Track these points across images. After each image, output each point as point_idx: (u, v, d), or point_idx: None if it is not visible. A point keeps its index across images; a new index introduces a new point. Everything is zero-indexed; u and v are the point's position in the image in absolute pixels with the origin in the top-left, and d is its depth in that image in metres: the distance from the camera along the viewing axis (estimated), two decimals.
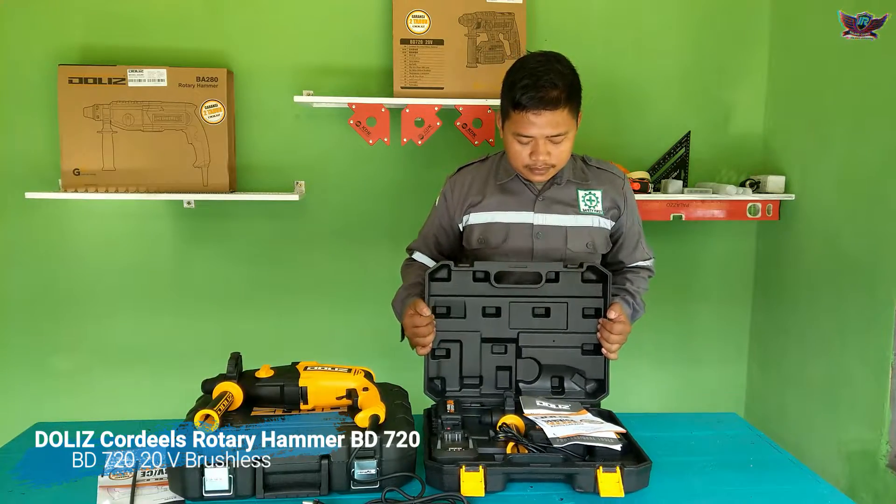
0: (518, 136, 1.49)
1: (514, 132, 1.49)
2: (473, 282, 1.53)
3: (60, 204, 2.44)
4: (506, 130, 1.53)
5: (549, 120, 1.45)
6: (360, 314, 2.56)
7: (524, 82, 1.44)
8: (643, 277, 1.71)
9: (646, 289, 1.70)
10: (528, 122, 1.46)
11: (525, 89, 1.44)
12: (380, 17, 2.44)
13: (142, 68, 2.27)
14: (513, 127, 1.49)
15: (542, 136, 1.47)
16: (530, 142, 1.49)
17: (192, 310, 2.56)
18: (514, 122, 1.48)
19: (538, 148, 1.48)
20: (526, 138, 1.48)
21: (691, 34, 2.59)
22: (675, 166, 2.59)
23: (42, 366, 2.53)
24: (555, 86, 1.43)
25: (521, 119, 1.46)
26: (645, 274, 1.72)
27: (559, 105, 1.44)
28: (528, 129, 1.47)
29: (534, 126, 1.46)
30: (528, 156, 1.50)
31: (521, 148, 1.50)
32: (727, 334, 2.77)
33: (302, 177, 2.49)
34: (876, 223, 2.09)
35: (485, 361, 1.54)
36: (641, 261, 1.72)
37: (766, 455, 1.42)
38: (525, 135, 1.48)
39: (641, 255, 1.71)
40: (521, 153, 1.51)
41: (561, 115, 1.46)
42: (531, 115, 1.44)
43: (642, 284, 1.69)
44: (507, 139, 1.53)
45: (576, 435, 1.28)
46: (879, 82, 2.07)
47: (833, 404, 2.27)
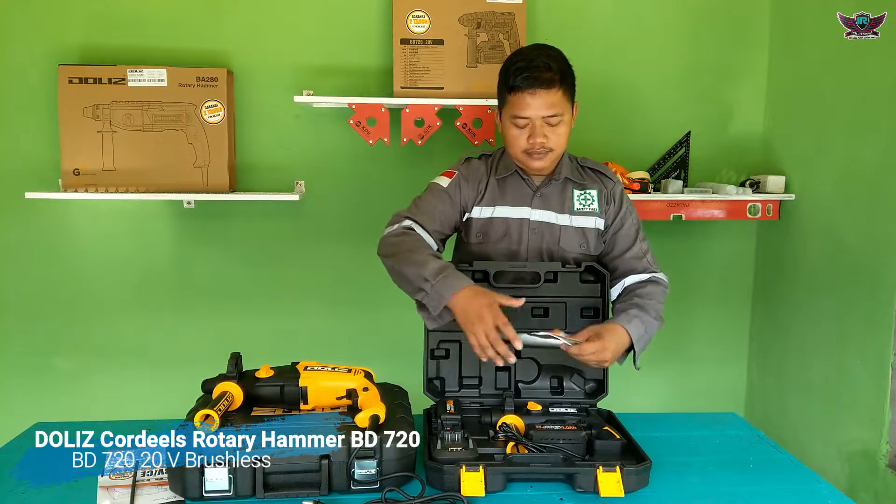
0: (515, 119, 1.52)
1: (511, 115, 1.52)
2: (473, 281, 1.53)
3: (60, 204, 2.44)
4: (503, 117, 1.56)
5: (544, 100, 1.48)
6: (360, 314, 2.56)
7: (518, 65, 1.50)
8: (655, 293, 1.55)
9: (659, 301, 1.55)
10: (524, 102, 1.49)
11: (519, 71, 1.49)
12: (380, 17, 2.44)
13: (142, 68, 2.27)
14: (510, 110, 1.52)
15: (538, 116, 1.50)
16: (527, 124, 1.51)
17: (192, 310, 2.56)
18: (510, 105, 1.52)
19: (535, 130, 1.50)
20: (523, 120, 1.51)
21: (691, 34, 2.59)
22: (675, 166, 2.59)
23: (42, 366, 2.53)
24: (549, 67, 1.49)
25: (518, 100, 1.50)
26: (654, 289, 1.56)
27: (553, 85, 1.48)
28: (524, 109, 1.49)
29: (529, 107, 1.49)
30: (525, 140, 1.52)
31: (519, 132, 1.53)
32: (727, 334, 2.77)
33: (302, 177, 2.49)
34: (876, 223, 2.09)
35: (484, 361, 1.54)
36: (648, 273, 1.59)
37: (766, 455, 1.42)
38: (522, 115, 1.50)
39: (644, 266, 1.59)
40: (519, 137, 1.53)
41: (556, 96, 1.49)
42: (527, 94, 1.48)
43: (654, 297, 1.54)
44: (505, 126, 1.55)
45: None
46: (879, 82, 2.07)
47: (833, 404, 2.27)
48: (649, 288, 1.56)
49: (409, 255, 1.42)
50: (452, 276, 1.37)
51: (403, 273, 1.42)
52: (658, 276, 1.60)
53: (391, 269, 1.46)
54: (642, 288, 1.56)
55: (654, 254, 1.64)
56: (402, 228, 1.51)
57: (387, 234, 1.53)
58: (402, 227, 1.52)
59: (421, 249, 1.44)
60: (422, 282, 1.37)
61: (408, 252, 1.43)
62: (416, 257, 1.41)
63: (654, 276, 1.59)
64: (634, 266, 1.60)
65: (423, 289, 1.38)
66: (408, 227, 1.52)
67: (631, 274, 1.59)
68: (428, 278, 1.36)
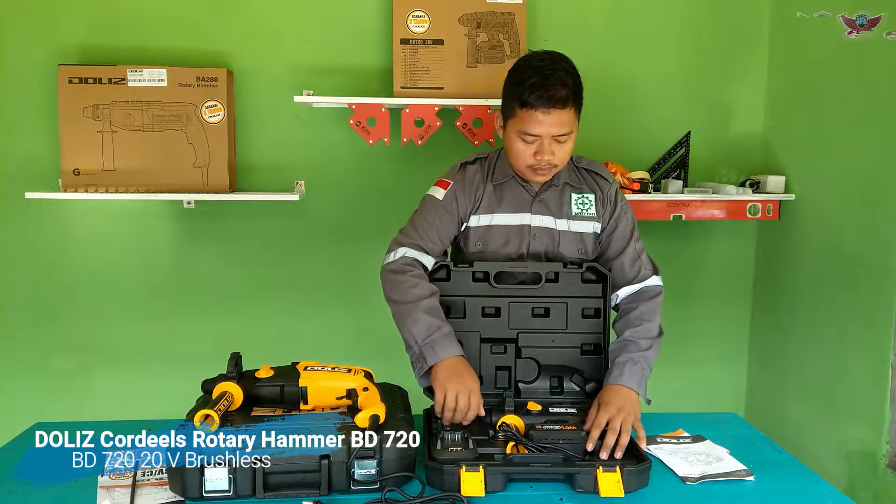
0: (524, 135, 1.47)
1: (519, 131, 1.48)
2: (473, 282, 1.54)
3: (60, 204, 2.44)
4: (509, 129, 1.51)
5: (556, 119, 1.44)
6: (360, 314, 2.56)
7: (532, 80, 1.43)
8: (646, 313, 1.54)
9: (650, 319, 1.53)
10: (535, 120, 1.44)
11: (534, 87, 1.42)
12: (380, 17, 2.44)
13: (142, 68, 2.27)
14: (518, 125, 1.47)
15: (548, 135, 1.46)
16: (536, 141, 1.47)
17: (192, 310, 2.56)
18: (520, 120, 1.47)
19: (543, 147, 1.47)
20: (532, 137, 1.47)
21: (691, 34, 2.58)
22: (675, 166, 2.59)
23: (42, 366, 2.53)
24: (564, 84, 1.43)
25: (529, 118, 1.45)
26: (645, 308, 1.54)
27: (567, 104, 1.44)
28: (535, 127, 1.45)
29: (541, 125, 1.45)
30: (531, 155, 1.48)
31: (525, 147, 1.49)
32: (727, 334, 2.77)
33: (302, 177, 2.49)
34: (876, 223, 2.09)
35: (484, 361, 1.54)
36: (639, 281, 1.57)
37: (766, 455, 1.42)
38: (532, 133, 1.46)
39: (637, 270, 1.57)
40: (525, 152, 1.49)
41: (567, 115, 1.45)
42: (540, 113, 1.43)
43: (645, 319, 1.53)
44: (510, 138, 1.51)
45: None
46: (879, 82, 2.07)
47: (833, 404, 2.27)
48: (641, 308, 1.54)
49: (405, 309, 1.44)
50: (438, 343, 1.40)
51: (399, 327, 1.47)
52: (649, 283, 1.58)
53: (392, 315, 1.49)
54: (634, 310, 1.54)
55: (650, 253, 1.63)
56: (401, 263, 1.51)
57: (387, 265, 1.53)
58: (402, 262, 1.51)
59: (416, 301, 1.44)
60: (412, 341, 1.43)
61: (404, 304, 1.45)
62: (411, 312, 1.43)
63: (645, 287, 1.57)
64: (627, 272, 1.58)
65: (412, 348, 1.44)
66: (408, 261, 1.51)
67: (624, 285, 1.57)
68: (417, 340, 1.42)
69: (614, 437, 1.30)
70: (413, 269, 1.50)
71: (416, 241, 1.54)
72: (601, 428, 1.32)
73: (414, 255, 1.52)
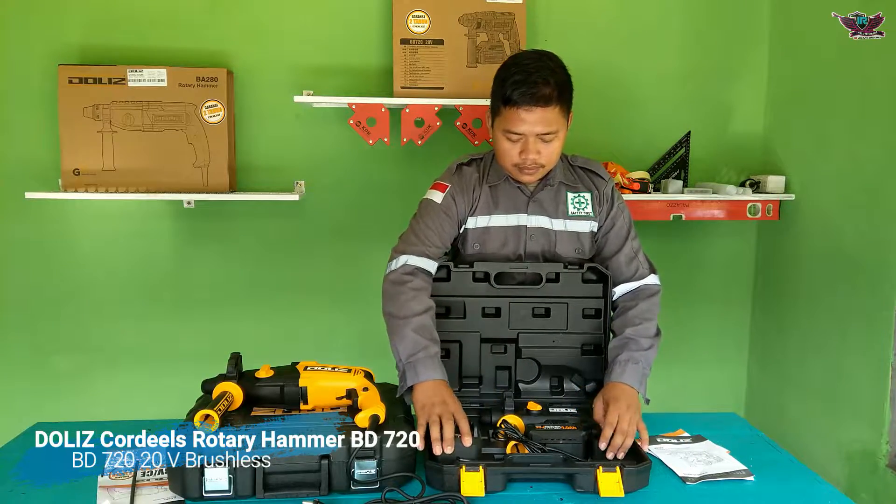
0: (508, 134, 1.47)
1: (504, 129, 1.48)
2: (473, 282, 1.53)
3: (60, 204, 2.44)
4: (495, 128, 1.51)
5: (540, 117, 1.43)
6: (360, 314, 2.56)
7: (515, 78, 1.43)
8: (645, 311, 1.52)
9: (650, 318, 1.52)
10: (518, 118, 1.44)
11: (516, 85, 1.42)
12: (380, 17, 2.44)
13: (142, 68, 2.27)
14: (503, 124, 1.47)
15: (532, 133, 1.45)
16: (520, 139, 1.47)
17: (191, 310, 2.56)
18: (504, 118, 1.47)
19: (528, 146, 1.46)
20: (516, 135, 1.47)
21: (691, 34, 2.59)
22: (675, 166, 2.59)
23: (42, 366, 2.53)
24: (547, 83, 1.42)
25: (512, 115, 1.45)
26: (644, 306, 1.53)
27: (550, 102, 1.43)
28: (518, 125, 1.45)
29: (524, 123, 1.44)
30: (517, 154, 1.48)
31: (511, 146, 1.48)
32: (727, 334, 2.77)
33: (302, 177, 2.49)
34: (876, 223, 2.09)
35: (484, 361, 1.54)
36: (637, 279, 1.56)
37: (766, 455, 1.42)
38: (515, 132, 1.46)
39: (634, 268, 1.57)
40: (511, 151, 1.49)
41: (552, 113, 1.44)
42: (522, 111, 1.43)
43: (644, 317, 1.51)
44: (497, 137, 1.51)
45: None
46: (879, 82, 2.07)
47: (833, 404, 2.27)
48: (641, 307, 1.53)
49: (396, 324, 1.43)
50: (421, 363, 1.38)
51: (389, 341, 1.45)
52: (647, 281, 1.57)
53: (385, 328, 1.48)
54: (633, 308, 1.53)
55: (650, 252, 1.62)
56: (402, 273, 1.49)
57: (388, 275, 1.51)
58: (402, 271, 1.49)
59: (407, 317, 1.42)
60: (397, 358, 1.42)
61: (395, 318, 1.44)
62: (400, 328, 1.42)
63: (644, 285, 1.57)
64: (624, 271, 1.57)
65: (397, 365, 1.42)
66: (409, 270, 1.49)
67: (621, 282, 1.57)
68: (402, 357, 1.40)
69: (623, 438, 1.30)
70: (413, 279, 1.48)
71: (418, 248, 1.52)
72: (614, 426, 1.32)
73: (416, 262, 1.50)
